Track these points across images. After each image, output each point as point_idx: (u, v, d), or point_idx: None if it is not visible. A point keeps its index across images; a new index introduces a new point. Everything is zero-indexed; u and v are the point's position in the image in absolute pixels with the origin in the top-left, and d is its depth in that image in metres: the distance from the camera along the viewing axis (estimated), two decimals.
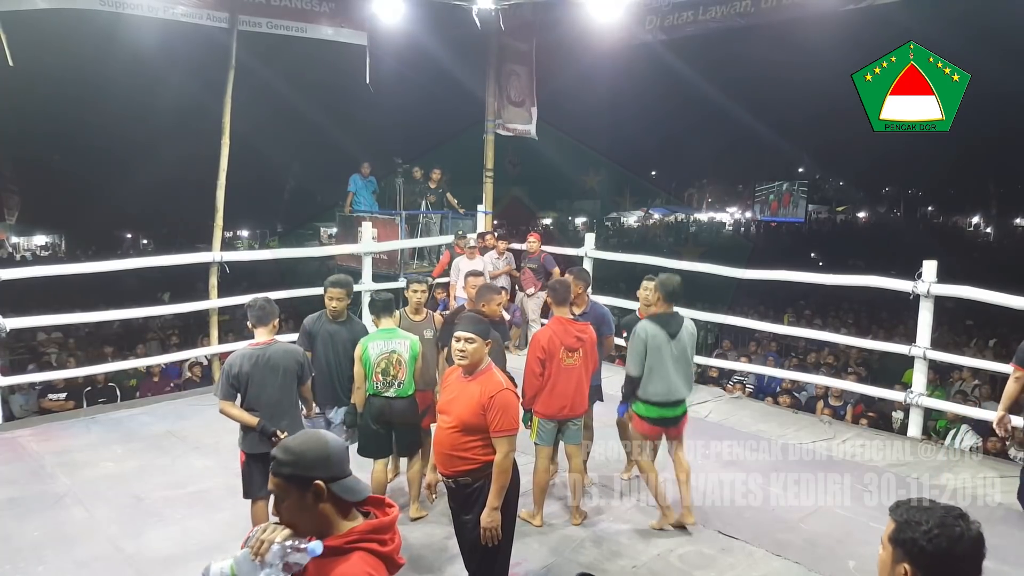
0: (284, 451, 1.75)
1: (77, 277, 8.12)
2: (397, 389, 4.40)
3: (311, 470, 1.73)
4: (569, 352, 4.45)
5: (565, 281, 4.87)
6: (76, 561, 4.07)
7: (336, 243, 12.53)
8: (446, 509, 4.65)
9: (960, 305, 8.26)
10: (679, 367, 4.49)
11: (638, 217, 45.26)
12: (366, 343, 4.45)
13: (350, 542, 1.72)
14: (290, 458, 1.74)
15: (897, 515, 1.63)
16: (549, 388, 4.46)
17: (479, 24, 8.40)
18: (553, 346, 4.43)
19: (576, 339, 4.46)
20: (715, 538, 4.39)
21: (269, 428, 3.84)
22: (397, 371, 4.39)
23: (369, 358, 4.39)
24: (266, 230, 36.64)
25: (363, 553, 1.72)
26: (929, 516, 1.58)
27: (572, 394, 4.46)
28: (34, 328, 10.11)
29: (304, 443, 1.77)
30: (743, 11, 7.33)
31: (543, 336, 4.51)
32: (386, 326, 4.52)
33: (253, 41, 8.30)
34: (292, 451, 1.75)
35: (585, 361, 4.51)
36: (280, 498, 1.75)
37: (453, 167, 11.86)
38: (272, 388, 3.89)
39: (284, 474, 1.73)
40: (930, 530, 1.55)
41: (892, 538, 1.61)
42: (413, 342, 4.47)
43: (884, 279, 6.58)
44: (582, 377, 4.51)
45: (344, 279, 4.77)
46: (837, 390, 8.10)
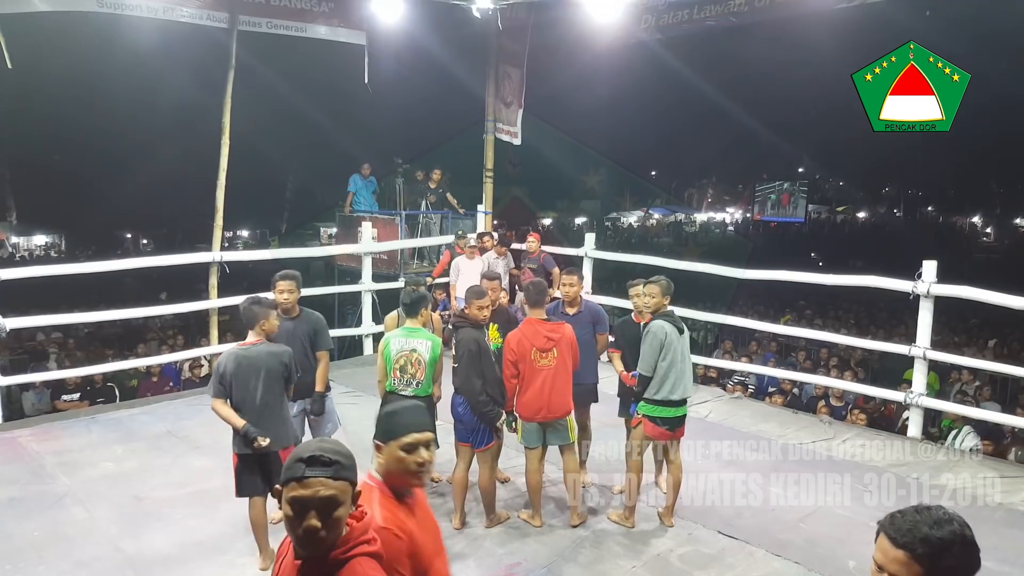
0: (342, 455, 1.74)
1: (77, 277, 8.12)
2: (415, 388, 4.39)
3: (357, 473, 1.78)
4: (542, 353, 4.44)
5: (539, 282, 4.87)
6: (76, 561, 4.07)
7: (336, 243, 12.53)
8: (445, 509, 4.68)
9: (960, 305, 8.25)
10: (687, 365, 4.50)
11: (638, 217, 45.28)
12: (388, 339, 4.46)
13: (347, 550, 1.71)
14: (350, 462, 1.75)
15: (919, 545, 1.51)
16: (524, 390, 4.47)
17: (478, 14, 8.37)
18: (523, 348, 4.43)
19: (547, 339, 4.45)
20: (715, 538, 4.39)
21: (252, 433, 3.84)
22: (416, 370, 4.38)
23: (390, 354, 4.39)
24: (266, 230, 36.63)
25: (362, 558, 1.71)
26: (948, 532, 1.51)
27: (548, 395, 4.44)
28: (33, 328, 10.11)
29: (344, 448, 1.78)
30: (737, 10, 7.35)
31: (512, 338, 4.51)
32: (412, 325, 4.50)
33: (253, 41, 8.30)
34: (347, 455, 1.75)
35: (562, 361, 4.49)
36: (339, 503, 1.70)
37: (453, 167, 11.85)
38: (255, 388, 3.89)
39: (350, 478, 1.73)
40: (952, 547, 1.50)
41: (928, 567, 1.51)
42: (435, 343, 4.44)
43: (884, 279, 6.58)
44: (559, 377, 4.48)
45: (291, 272, 4.71)
46: (837, 390, 8.10)
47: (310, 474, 1.67)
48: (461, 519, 4.51)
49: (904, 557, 1.51)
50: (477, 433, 4.47)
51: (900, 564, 1.52)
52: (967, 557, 1.52)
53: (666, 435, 4.51)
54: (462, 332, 4.50)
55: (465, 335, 4.47)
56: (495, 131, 9.78)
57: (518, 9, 8.68)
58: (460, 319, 4.60)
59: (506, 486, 5.08)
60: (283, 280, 4.62)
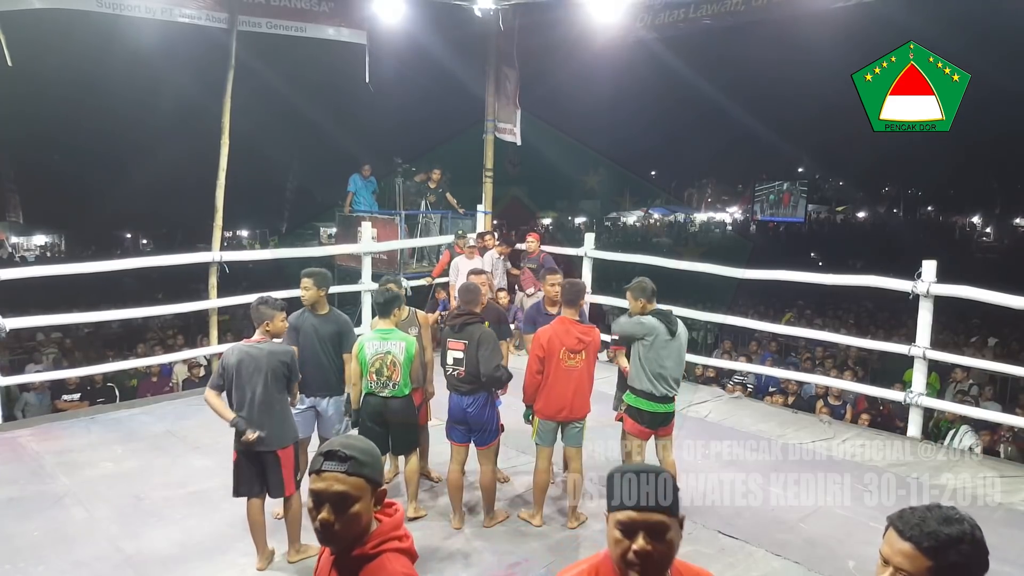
0: (361, 452, 1.72)
1: (77, 277, 8.11)
2: (392, 390, 4.39)
3: (380, 473, 1.78)
4: (571, 354, 4.41)
5: (578, 282, 4.84)
6: (76, 561, 4.06)
7: (336, 243, 12.53)
8: (445, 509, 4.68)
9: (960, 305, 8.24)
10: (674, 364, 4.49)
11: (638, 217, 45.29)
12: (363, 342, 4.45)
13: (376, 545, 1.72)
14: (368, 459, 1.73)
15: (925, 539, 1.50)
16: (548, 389, 4.44)
17: (479, 14, 8.37)
18: (553, 346, 4.40)
19: (578, 340, 4.43)
20: (715, 538, 4.38)
21: (241, 425, 3.86)
22: (391, 372, 4.38)
23: (365, 357, 4.39)
24: (266, 230, 36.64)
25: (391, 553, 1.73)
26: (956, 529, 1.50)
27: (571, 396, 4.44)
28: (33, 328, 10.10)
29: (370, 448, 1.77)
30: (734, 9, 7.36)
31: (544, 335, 4.47)
32: (383, 326, 4.51)
33: (253, 41, 8.30)
34: (367, 452, 1.74)
35: (588, 364, 4.49)
36: (349, 499, 1.68)
37: (453, 167, 11.85)
38: (254, 387, 3.90)
39: (366, 475, 1.71)
40: (962, 544, 1.50)
41: (930, 561, 1.49)
42: (409, 343, 4.44)
43: (884, 279, 6.57)
44: (583, 380, 4.48)
45: (314, 270, 4.77)
46: (837, 390, 8.10)
47: (326, 468, 1.70)
48: (460, 519, 4.51)
49: (910, 550, 1.51)
50: (483, 433, 4.48)
51: (905, 557, 1.51)
52: (976, 557, 1.51)
53: (645, 432, 4.51)
54: (475, 327, 4.47)
55: (480, 328, 4.48)
56: (495, 131, 9.78)
57: (520, 9, 8.68)
58: (471, 316, 4.57)
59: (505, 486, 5.08)
60: (304, 277, 4.73)
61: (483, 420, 4.45)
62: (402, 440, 4.53)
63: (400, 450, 4.60)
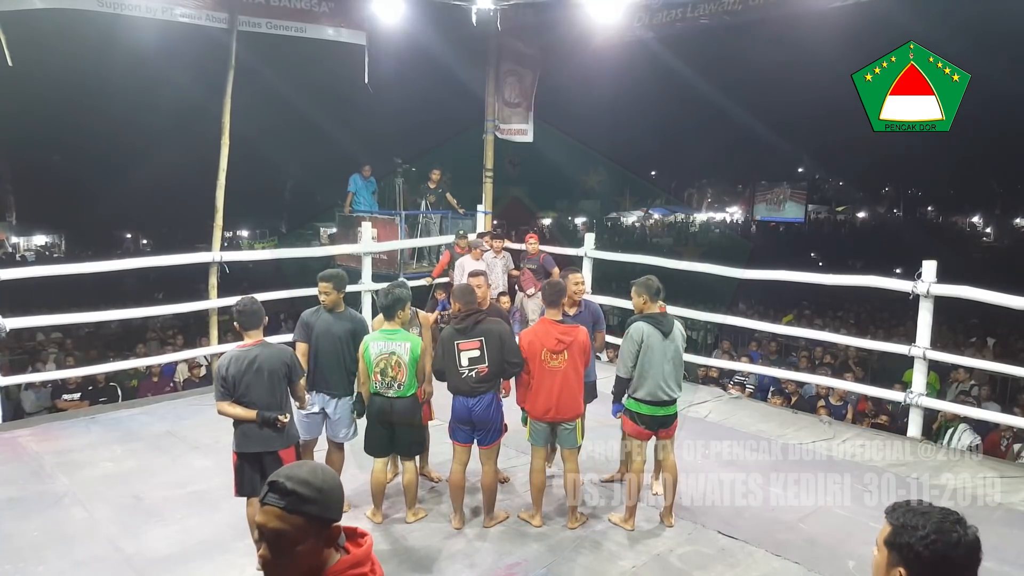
0: (305, 486, 1.54)
1: (77, 277, 8.12)
2: (397, 390, 4.40)
3: (332, 511, 1.58)
4: (552, 354, 4.44)
5: (557, 283, 4.87)
6: (76, 561, 4.06)
7: (336, 243, 12.53)
8: (445, 509, 4.68)
9: (960, 305, 8.23)
10: (672, 367, 4.48)
11: (638, 217, 45.29)
12: (368, 342, 4.45)
13: None
14: (315, 495, 1.54)
15: (893, 518, 1.60)
16: (534, 390, 4.48)
17: (478, 15, 8.39)
18: (534, 348, 4.45)
19: (558, 341, 4.45)
20: (715, 538, 4.38)
21: (269, 415, 3.84)
22: (396, 372, 4.38)
23: (370, 358, 4.40)
24: (266, 230, 36.62)
25: None
26: (926, 521, 1.55)
27: (557, 396, 4.44)
28: (33, 328, 10.11)
29: (324, 480, 1.59)
30: (731, 8, 7.36)
31: (524, 338, 4.56)
32: (388, 327, 4.51)
33: (253, 41, 8.31)
34: (315, 487, 1.55)
35: (573, 363, 4.49)
36: (292, 539, 1.52)
37: (453, 167, 11.86)
38: (259, 390, 3.89)
39: (310, 513, 1.53)
40: (927, 535, 1.53)
41: (888, 542, 1.59)
42: (414, 344, 4.43)
43: (884, 279, 6.58)
44: (568, 379, 4.48)
45: (331, 273, 4.77)
46: (840, 391, 8.09)
47: (267, 500, 1.55)
48: (461, 519, 4.51)
49: (888, 528, 1.62)
50: (487, 432, 4.48)
51: (883, 535, 1.63)
52: (944, 548, 1.54)
53: (644, 434, 4.52)
54: (488, 323, 4.50)
55: (492, 321, 4.53)
56: (495, 131, 9.78)
57: (520, 9, 8.68)
58: (480, 313, 4.57)
59: (505, 486, 5.08)
60: (321, 281, 4.73)
61: (488, 419, 4.46)
62: (407, 441, 4.53)
63: (406, 451, 4.59)
